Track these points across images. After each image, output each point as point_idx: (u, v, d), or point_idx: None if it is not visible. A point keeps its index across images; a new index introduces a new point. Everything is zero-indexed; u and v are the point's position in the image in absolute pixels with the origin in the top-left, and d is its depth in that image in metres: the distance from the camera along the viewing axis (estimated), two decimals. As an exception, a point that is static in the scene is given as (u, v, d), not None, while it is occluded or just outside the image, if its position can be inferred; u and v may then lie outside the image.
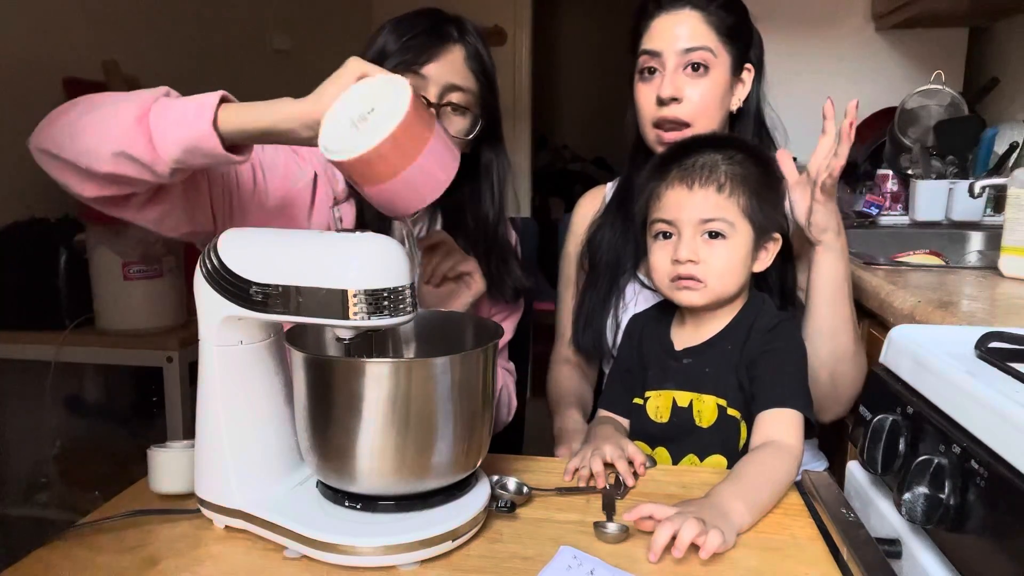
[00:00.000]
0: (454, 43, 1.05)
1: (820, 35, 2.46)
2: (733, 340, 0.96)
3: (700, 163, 0.94)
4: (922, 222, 1.84)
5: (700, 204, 0.93)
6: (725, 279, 0.94)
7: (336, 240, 0.73)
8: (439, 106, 1.04)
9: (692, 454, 0.96)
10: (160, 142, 0.77)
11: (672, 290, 0.96)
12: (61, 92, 1.73)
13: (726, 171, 0.93)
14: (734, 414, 0.94)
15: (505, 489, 0.82)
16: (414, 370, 0.71)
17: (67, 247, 1.55)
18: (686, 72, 1.09)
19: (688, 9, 1.09)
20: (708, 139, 1.01)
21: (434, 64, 1.03)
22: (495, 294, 1.19)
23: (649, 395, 0.99)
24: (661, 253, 0.96)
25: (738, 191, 0.93)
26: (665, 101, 1.09)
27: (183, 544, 0.74)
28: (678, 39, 1.09)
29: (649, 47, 1.11)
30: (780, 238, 0.99)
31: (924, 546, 0.69)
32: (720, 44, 1.10)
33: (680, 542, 0.69)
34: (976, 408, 0.63)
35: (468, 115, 1.07)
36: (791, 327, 0.97)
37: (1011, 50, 2.14)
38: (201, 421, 0.78)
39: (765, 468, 0.83)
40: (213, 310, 0.74)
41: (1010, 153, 1.86)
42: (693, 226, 0.93)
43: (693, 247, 0.93)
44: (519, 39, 3.42)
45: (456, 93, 1.05)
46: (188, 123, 0.77)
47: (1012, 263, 1.21)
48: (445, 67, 1.04)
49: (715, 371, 0.96)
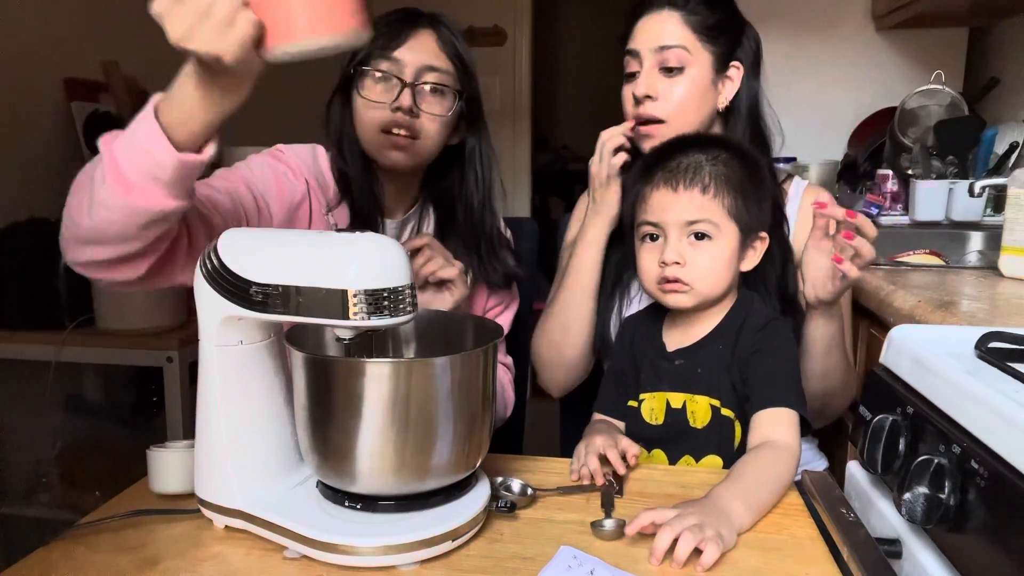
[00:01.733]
0: (425, 28, 1.07)
1: (820, 35, 2.46)
2: (724, 340, 0.96)
3: (684, 164, 0.95)
4: (922, 222, 1.84)
5: (685, 206, 0.93)
6: (711, 280, 0.94)
7: (336, 240, 0.73)
8: (415, 85, 1.05)
9: (688, 455, 0.96)
10: (145, 189, 0.73)
11: (659, 293, 0.97)
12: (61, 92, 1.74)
13: (710, 172, 0.94)
14: (728, 414, 0.94)
15: (509, 490, 0.83)
16: (414, 370, 0.71)
17: (67, 247, 1.55)
18: (661, 71, 1.11)
19: (667, 10, 1.11)
20: (692, 139, 1.02)
21: (406, 47, 1.05)
22: (487, 281, 1.20)
23: (643, 397, 1.00)
24: (648, 255, 0.97)
25: (723, 191, 0.93)
26: (640, 99, 1.11)
27: (183, 544, 0.74)
28: (654, 38, 1.11)
29: (630, 47, 1.13)
30: (767, 237, 0.99)
31: (924, 546, 0.69)
32: (698, 42, 1.10)
33: (678, 555, 0.69)
34: (976, 408, 0.63)
35: (447, 94, 1.08)
36: (782, 326, 0.97)
37: (1011, 50, 2.14)
38: (201, 421, 0.78)
39: (764, 468, 0.83)
40: (213, 310, 0.74)
41: (1010, 153, 1.86)
42: (679, 228, 0.93)
43: (679, 249, 0.93)
44: (519, 39, 3.41)
45: (432, 74, 1.06)
46: (150, 159, 0.72)
47: (1012, 263, 1.21)
48: (417, 49, 1.05)
49: (707, 371, 0.96)
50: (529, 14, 3.40)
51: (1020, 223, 1.19)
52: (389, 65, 1.05)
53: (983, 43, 2.31)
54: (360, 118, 1.08)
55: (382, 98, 1.05)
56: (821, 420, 1.10)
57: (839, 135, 2.46)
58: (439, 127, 1.08)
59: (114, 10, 1.93)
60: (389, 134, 1.05)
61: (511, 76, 3.43)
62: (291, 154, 1.10)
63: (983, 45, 2.31)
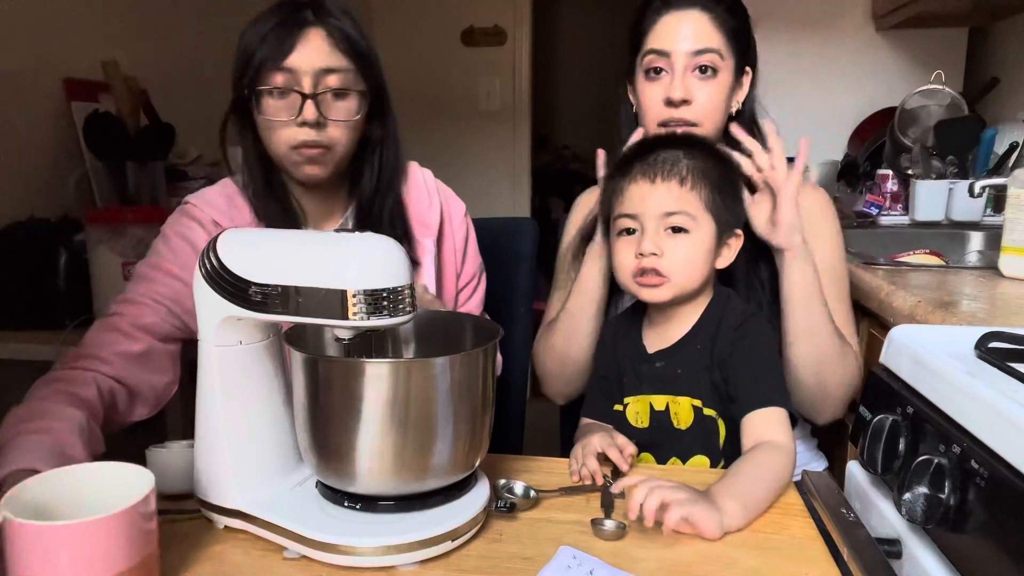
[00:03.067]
0: (311, 26, 0.98)
1: (820, 35, 2.46)
2: (702, 339, 0.96)
3: (662, 158, 0.95)
4: (922, 222, 1.84)
5: (663, 197, 0.93)
6: (688, 272, 0.94)
7: (335, 240, 0.73)
8: (316, 95, 0.97)
9: (675, 457, 0.97)
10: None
11: (636, 287, 0.96)
12: (61, 92, 1.73)
13: (687, 165, 0.94)
14: (710, 413, 0.95)
15: (512, 492, 0.83)
16: (413, 370, 0.71)
17: (67, 247, 1.55)
18: (695, 74, 1.09)
19: (696, 10, 1.09)
20: (668, 138, 1.02)
21: (296, 53, 0.97)
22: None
23: (627, 401, 1.00)
24: (625, 249, 0.96)
25: (700, 184, 0.93)
26: (676, 103, 1.08)
27: (183, 544, 0.74)
28: (687, 40, 1.08)
29: (657, 47, 1.10)
30: (742, 235, 0.99)
31: (924, 546, 0.69)
32: (726, 47, 1.10)
33: (647, 509, 0.73)
34: (976, 408, 0.63)
35: (351, 95, 1.01)
36: (758, 321, 0.97)
37: (1011, 50, 2.14)
38: (200, 421, 0.78)
39: (760, 468, 0.84)
40: (212, 310, 0.73)
41: (1010, 153, 1.86)
42: (656, 219, 0.93)
43: (656, 240, 0.93)
44: (519, 39, 3.41)
45: (330, 76, 0.98)
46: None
47: (1012, 263, 1.21)
48: (308, 52, 0.97)
49: (687, 372, 0.96)
50: (529, 14, 3.40)
51: (1020, 223, 1.19)
52: (284, 78, 0.97)
53: (983, 43, 2.31)
54: (267, 139, 1.02)
55: (284, 115, 0.98)
56: (824, 404, 1.07)
57: (839, 135, 2.46)
58: (349, 131, 1.02)
59: (114, 10, 1.93)
60: (300, 149, 0.99)
61: (511, 76, 3.43)
62: (202, 205, 1.05)
63: (983, 45, 2.31)
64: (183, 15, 2.17)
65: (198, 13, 2.23)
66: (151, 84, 1.82)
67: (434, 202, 1.15)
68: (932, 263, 1.46)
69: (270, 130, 1.00)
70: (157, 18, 2.07)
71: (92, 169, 1.71)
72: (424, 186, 1.16)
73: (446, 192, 1.20)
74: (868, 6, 2.42)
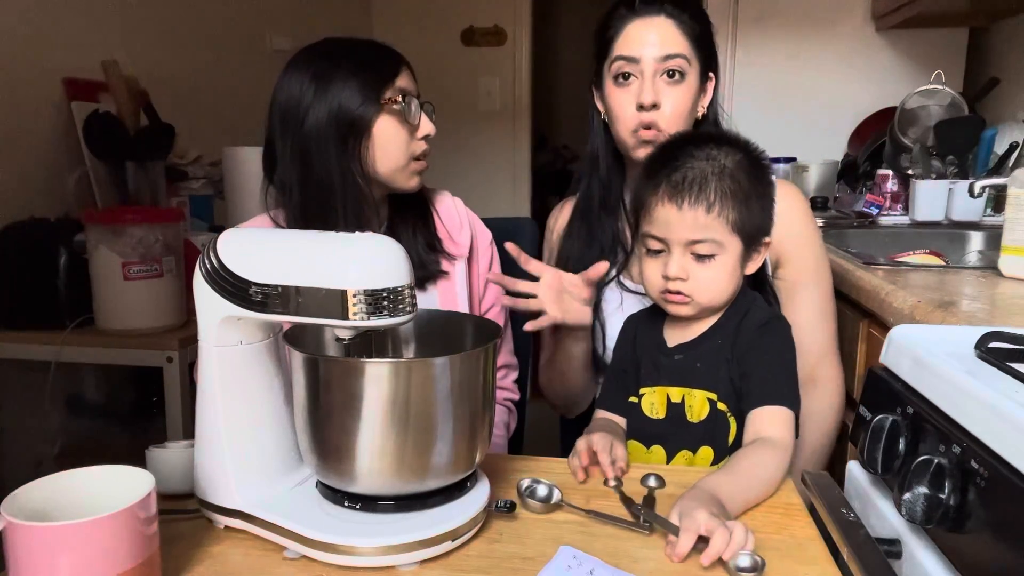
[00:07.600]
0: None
1: (820, 35, 2.46)
2: (723, 335, 0.97)
3: (690, 178, 0.93)
4: (922, 222, 1.84)
5: (689, 225, 0.92)
6: (713, 293, 0.95)
7: (335, 240, 0.73)
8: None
9: (686, 450, 0.97)
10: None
11: (663, 302, 0.98)
12: (61, 92, 1.73)
13: (716, 188, 0.92)
14: (723, 408, 0.95)
15: (534, 495, 0.81)
16: (414, 370, 0.71)
17: (67, 247, 1.55)
18: (663, 79, 1.11)
19: (663, 16, 1.11)
20: (696, 138, 1.01)
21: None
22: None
23: (644, 392, 1.00)
24: (652, 266, 0.97)
25: (728, 207, 0.92)
26: (646, 107, 1.10)
27: (183, 544, 0.74)
28: (655, 45, 1.10)
29: (625, 53, 1.12)
30: (771, 241, 1.00)
31: (924, 546, 0.69)
32: (692, 52, 1.12)
33: (712, 552, 0.69)
34: (976, 408, 0.63)
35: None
36: (783, 326, 0.97)
37: (1011, 50, 2.14)
38: (200, 421, 0.78)
39: (755, 463, 0.84)
40: (212, 310, 0.73)
41: (1010, 153, 1.86)
42: (682, 246, 0.94)
43: (682, 264, 0.94)
44: (519, 39, 3.41)
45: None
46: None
47: (1012, 263, 1.21)
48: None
49: (706, 365, 0.97)
50: (529, 14, 3.40)
51: (1020, 223, 1.19)
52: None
53: (983, 43, 2.31)
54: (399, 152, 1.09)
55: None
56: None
57: (839, 135, 2.47)
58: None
59: (114, 10, 1.93)
60: (419, 160, 1.10)
61: (511, 76, 3.44)
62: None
63: (983, 45, 2.31)
64: (183, 15, 2.17)
65: (198, 13, 2.23)
66: (151, 84, 1.82)
67: (464, 226, 1.23)
68: (932, 263, 1.46)
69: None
70: (157, 18, 2.07)
71: (92, 169, 1.71)
72: (456, 213, 1.24)
73: (474, 219, 1.28)
74: (868, 6, 2.42)
